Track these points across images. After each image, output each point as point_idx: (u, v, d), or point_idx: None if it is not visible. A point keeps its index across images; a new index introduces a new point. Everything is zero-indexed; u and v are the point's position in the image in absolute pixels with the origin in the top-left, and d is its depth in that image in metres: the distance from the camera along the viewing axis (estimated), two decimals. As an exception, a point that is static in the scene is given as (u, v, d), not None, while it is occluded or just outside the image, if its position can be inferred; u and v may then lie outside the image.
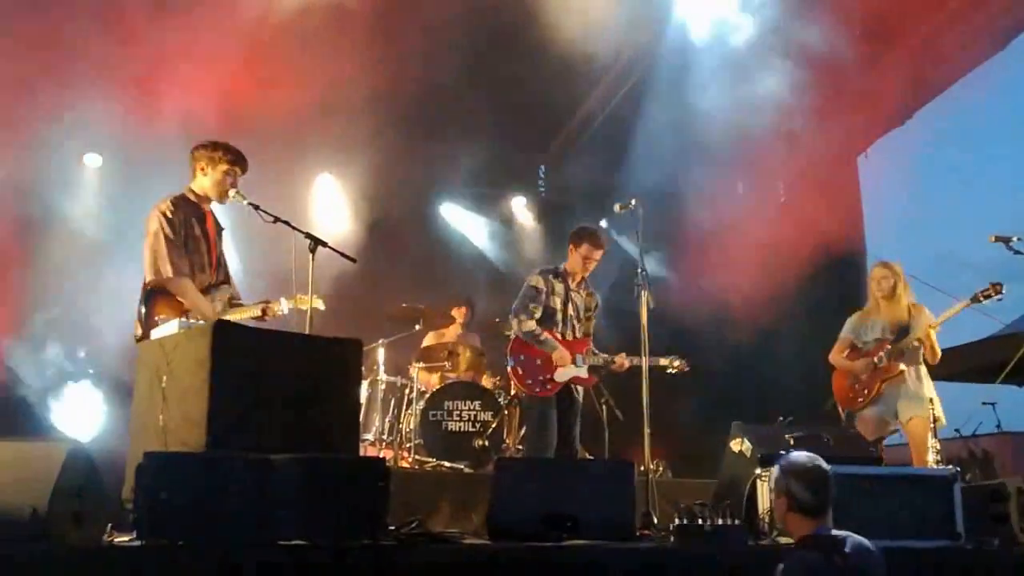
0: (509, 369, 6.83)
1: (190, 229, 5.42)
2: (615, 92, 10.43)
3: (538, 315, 6.78)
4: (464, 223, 11.54)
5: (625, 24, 9.04)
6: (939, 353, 6.80)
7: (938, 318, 6.74)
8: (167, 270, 5.25)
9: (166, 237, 5.27)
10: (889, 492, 5.03)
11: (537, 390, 6.70)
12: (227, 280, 5.65)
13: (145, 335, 5.22)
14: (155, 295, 5.34)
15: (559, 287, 6.88)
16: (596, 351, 6.92)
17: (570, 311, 6.92)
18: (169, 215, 5.31)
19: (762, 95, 9.22)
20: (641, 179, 9.41)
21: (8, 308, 8.38)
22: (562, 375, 6.73)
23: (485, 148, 10.29)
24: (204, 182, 5.57)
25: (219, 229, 5.73)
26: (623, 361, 6.81)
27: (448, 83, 9.14)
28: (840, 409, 7.06)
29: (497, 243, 11.55)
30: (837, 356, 7.12)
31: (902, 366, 6.75)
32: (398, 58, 8.63)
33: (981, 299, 6.59)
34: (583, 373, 6.82)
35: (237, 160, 5.55)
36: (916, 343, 6.72)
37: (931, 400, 6.56)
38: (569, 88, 10.18)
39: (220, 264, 5.61)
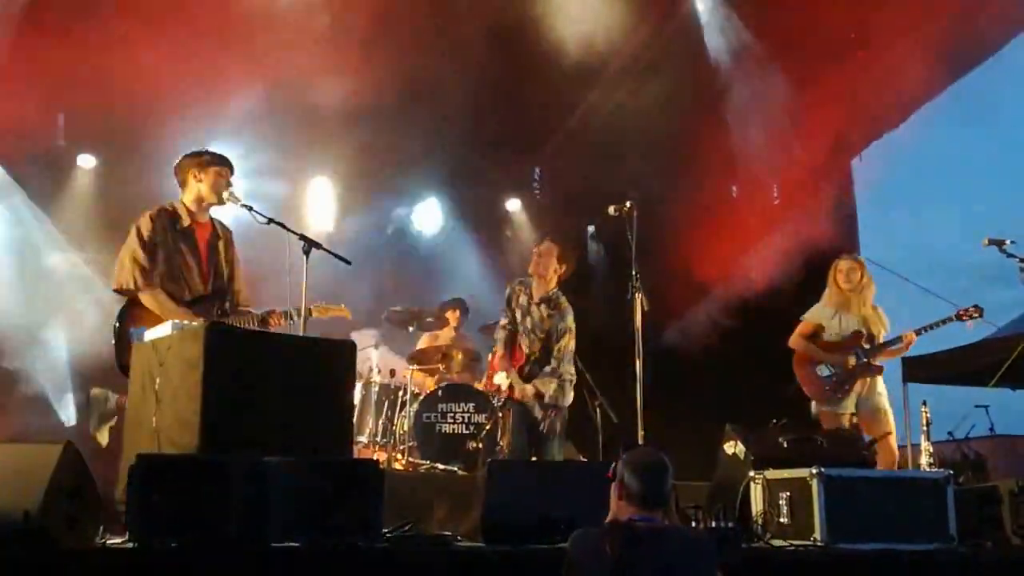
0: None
1: (171, 242, 5.49)
2: (611, 94, 10.43)
3: (504, 321, 7.09)
4: (458, 225, 11.52)
5: (622, 24, 9.07)
6: None
7: (917, 330, 6.81)
8: (131, 281, 5.37)
9: (140, 246, 5.39)
10: (882, 494, 5.04)
11: (494, 389, 7.18)
12: (224, 290, 5.67)
13: (120, 351, 5.34)
14: (129, 309, 5.45)
15: (523, 298, 7.03)
16: (541, 373, 6.93)
17: (528, 323, 7.02)
18: (146, 227, 5.43)
19: (755, 98, 9.25)
20: (635, 181, 9.40)
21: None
22: (500, 380, 7.11)
23: (480, 150, 10.29)
24: (200, 188, 5.62)
25: (217, 240, 5.74)
26: (527, 390, 6.89)
27: (443, 84, 9.14)
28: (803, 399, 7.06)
29: (492, 245, 11.53)
30: (802, 341, 7.06)
31: (879, 362, 6.84)
32: (393, 59, 8.62)
33: (964, 317, 6.72)
34: (504, 384, 7.05)
35: (224, 162, 5.65)
36: (898, 345, 6.82)
37: (886, 411, 6.70)
38: (564, 89, 10.17)
39: (217, 275, 5.65)
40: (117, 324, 5.48)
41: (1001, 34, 9.15)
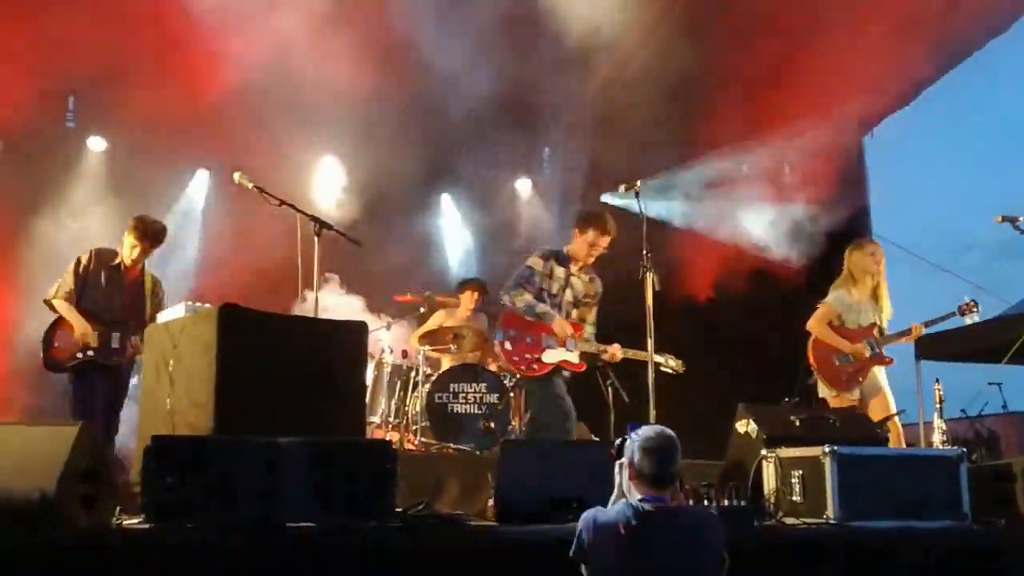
0: (496, 342, 6.64)
1: (104, 275, 6.56)
2: (620, 73, 10.38)
3: (528, 296, 6.57)
4: (469, 205, 11.50)
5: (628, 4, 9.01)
6: None
7: (926, 323, 6.78)
8: (53, 293, 6.50)
9: (72, 272, 6.51)
10: (895, 473, 5.02)
11: (523, 368, 6.56)
12: (143, 322, 6.43)
13: (46, 350, 6.43)
14: (57, 323, 6.48)
15: (559, 271, 6.71)
16: (590, 338, 6.79)
17: (567, 296, 6.75)
18: (84, 260, 6.56)
19: (765, 75, 9.20)
20: (643, 160, 9.37)
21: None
22: (551, 356, 6.56)
23: (490, 130, 10.26)
24: (130, 251, 6.60)
25: (142, 284, 6.69)
26: (615, 351, 6.66)
27: (454, 65, 9.10)
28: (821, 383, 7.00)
29: (502, 225, 11.51)
30: (822, 327, 6.95)
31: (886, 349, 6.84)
32: (403, 41, 8.60)
33: (964, 312, 6.77)
34: (573, 358, 6.64)
35: (149, 240, 6.61)
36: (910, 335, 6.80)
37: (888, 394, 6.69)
38: (574, 67, 10.13)
39: (135, 308, 6.60)
40: (47, 329, 6.48)
41: (1011, 11, 9.09)
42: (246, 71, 8.39)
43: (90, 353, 6.40)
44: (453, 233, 11.35)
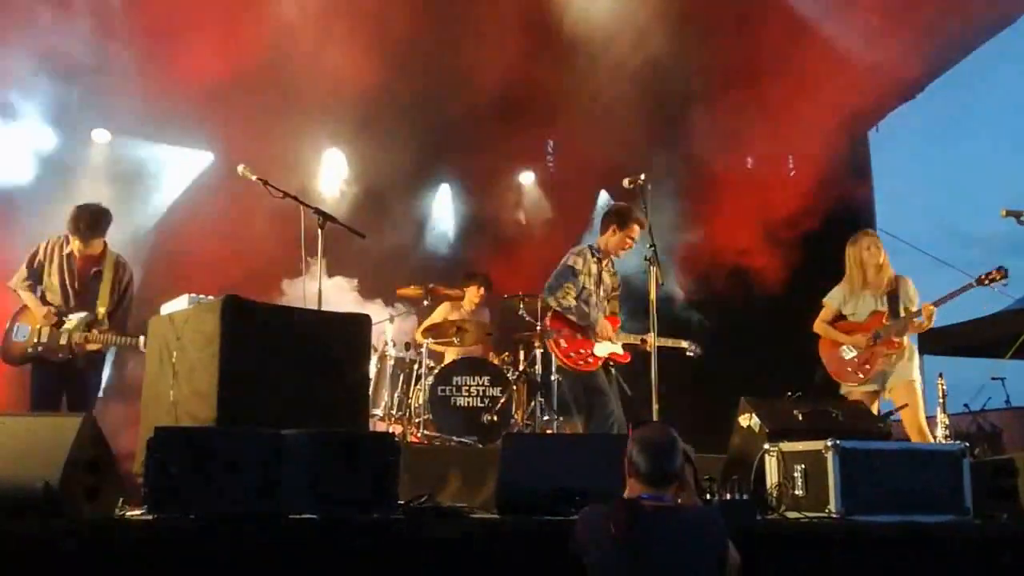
0: (550, 342, 6.92)
1: (57, 263, 6.52)
2: (625, 64, 10.36)
3: (573, 294, 6.89)
4: (473, 198, 11.49)
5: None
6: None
7: (938, 300, 6.71)
8: (12, 281, 6.54)
9: (28, 262, 6.53)
10: (897, 467, 5.02)
11: (580, 363, 6.86)
12: (90, 308, 6.50)
13: (6, 340, 6.48)
14: (22, 308, 6.51)
15: (594, 268, 7.00)
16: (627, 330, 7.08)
17: (601, 292, 7.05)
18: (41, 251, 6.56)
19: (770, 67, 9.17)
20: (648, 155, 9.36)
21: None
22: (602, 350, 6.92)
23: (493, 122, 10.24)
24: (74, 243, 6.54)
25: (97, 272, 6.59)
26: (651, 340, 6.77)
27: (458, 59, 9.09)
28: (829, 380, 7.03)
29: (506, 218, 11.50)
30: (824, 325, 7.04)
31: (905, 339, 6.76)
32: (407, 35, 8.59)
33: (985, 282, 6.59)
34: (619, 350, 7.00)
35: (77, 231, 6.48)
36: (920, 319, 6.71)
37: (914, 380, 6.62)
38: (578, 60, 10.11)
39: (87, 295, 6.54)
40: (10, 320, 6.53)
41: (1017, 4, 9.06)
42: (249, 62, 8.38)
43: (40, 348, 6.38)
44: (456, 225, 11.34)
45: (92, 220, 6.50)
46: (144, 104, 8.83)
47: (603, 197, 11.32)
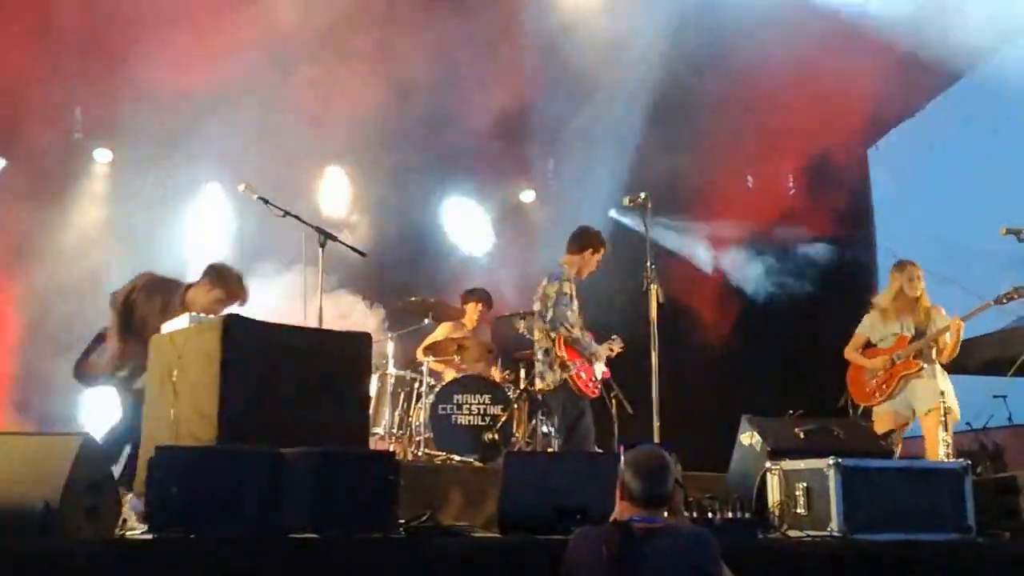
0: (572, 375, 6.90)
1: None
2: (627, 84, 10.40)
3: (579, 325, 7.04)
4: (474, 216, 11.50)
5: (638, 15, 9.05)
6: (955, 353, 6.79)
7: (963, 317, 6.72)
8: None
9: None
10: (899, 485, 5.01)
11: (594, 390, 7.08)
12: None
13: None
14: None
15: (573, 290, 7.07)
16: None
17: (576, 312, 7.11)
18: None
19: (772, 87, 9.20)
20: (650, 172, 9.38)
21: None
22: (599, 372, 7.15)
23: (495, 141, 10.28)
24: None
25: None
26: (615, 347, 7.30)
27: (460, 76, 9.14)
28: (854, 403, 7.07)
29: (507, 237, 11.51)
30: (853, 353, 7.15)
31: (921, 362, 6.76)
32: (409, 51, 8.63)
33: (1004, 301, 6.61)
34: (604, 367, 7.24)
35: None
36: (936, 342, 6.72)
37: (943, 392, 6.55)
38: (579, 80, 10.15)
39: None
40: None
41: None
42: (250, 77, 8.43)
43: None
44: (458, 243, 11.34)
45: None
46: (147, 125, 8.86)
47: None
